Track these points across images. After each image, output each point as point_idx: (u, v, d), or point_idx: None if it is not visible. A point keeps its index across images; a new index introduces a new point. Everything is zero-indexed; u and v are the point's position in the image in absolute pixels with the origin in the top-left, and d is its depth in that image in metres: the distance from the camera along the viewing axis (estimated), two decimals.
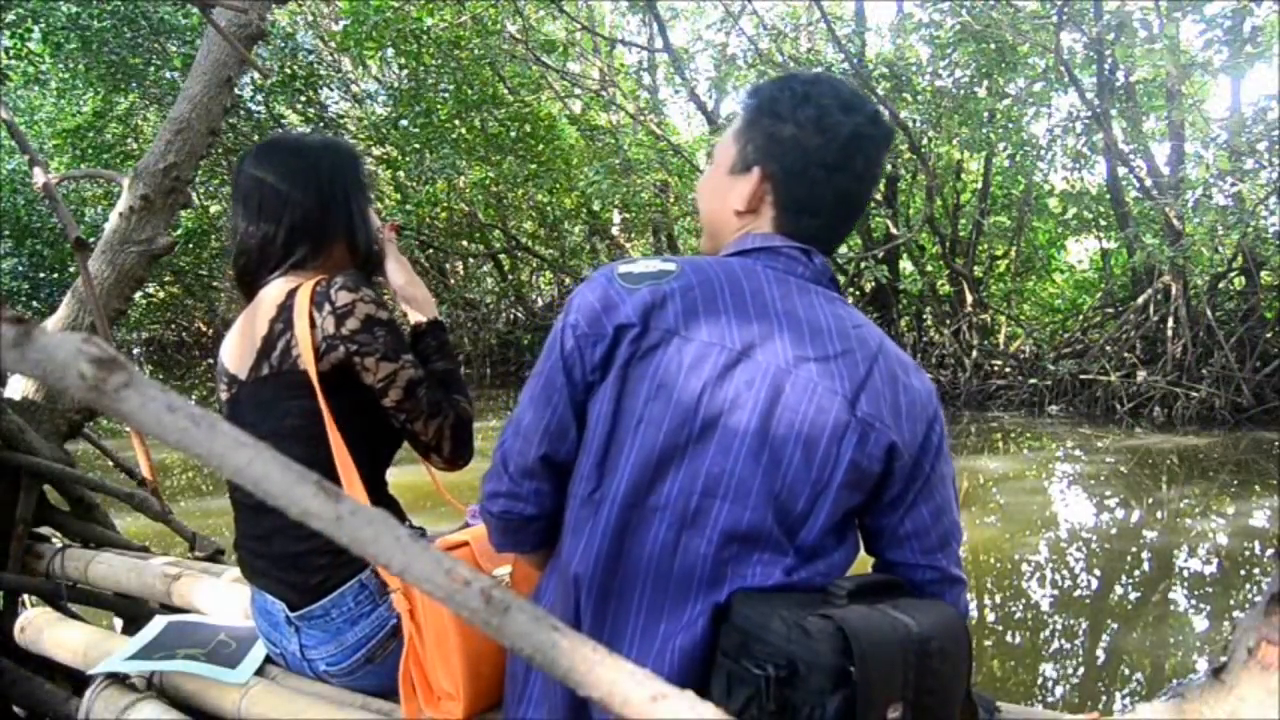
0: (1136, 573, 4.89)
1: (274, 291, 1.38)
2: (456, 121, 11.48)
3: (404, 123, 11.72)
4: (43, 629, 1.90)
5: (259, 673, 1.48)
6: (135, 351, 19.58)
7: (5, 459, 2.12)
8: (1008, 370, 10.67)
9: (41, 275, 13.44)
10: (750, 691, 0.88)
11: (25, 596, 2.16)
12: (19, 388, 2.30)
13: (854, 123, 1.08)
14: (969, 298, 10.90)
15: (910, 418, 1.03)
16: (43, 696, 1.97)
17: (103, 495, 2.32)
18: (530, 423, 1.05)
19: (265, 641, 1.48)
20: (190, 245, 14.42)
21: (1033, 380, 10.10)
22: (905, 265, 11.90)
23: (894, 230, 10.77)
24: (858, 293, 11.55)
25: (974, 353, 10.64)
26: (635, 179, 10.41)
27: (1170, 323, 9.38)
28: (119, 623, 2.18)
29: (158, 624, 1.67)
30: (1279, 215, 9.05)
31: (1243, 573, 4.66)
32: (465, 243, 14.51)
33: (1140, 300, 9.82)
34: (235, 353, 1.41)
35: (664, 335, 1.01)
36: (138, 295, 2.76)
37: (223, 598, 1.77)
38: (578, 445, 1.04)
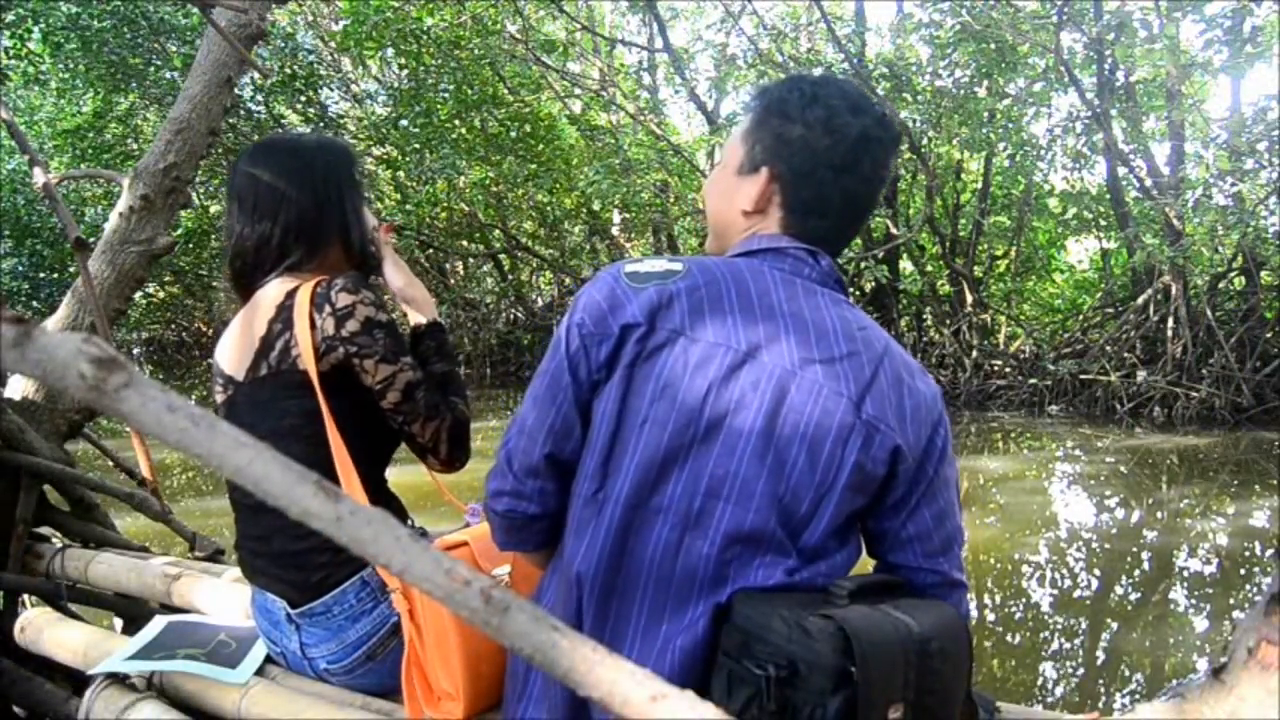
0: (1136, 573, 4.89)
1: (272, 292, 1.38)
2: (456, 121, 11.49)
3: (404, 123, 11.72)
4: (43, 629, 1.90)
5: (259, 673, 1.47)
6: (135, 351, 19.57)
7: (5, 459, 2.12)
8: (1008, 370, 10.66)
9: (41, 275, 13.44)
10: (751, 691, 0.88)
11: (25, 596, 2.16)
12: (19, 388, 2.29)
13: (862, 124, 1.08)
14: (969, 298, 10.90)
15: (915, 421, 1.03)
16: (43, 696, 1.97)
17: (103, 495, 2.31)
18: (535, 421, 1.05)
19: (265, 640, 1.48)
20: (190, 245, 14.41)
21: (1033, 380, 10.10)
22: (905, 265, 11.90)
23: (894, 230, 10.77)
24: (858, 293, 11.54)
25: (974, 353, 10.64)
26: (635, 179, 10.41)
27: (1170, 323, 9.38)
28: (119, 623, 2.17)
29: (158, 624, 1.67)
30: (1279, 215, 9.05)
31: (1243, 573, 4.66)
32: (465, 243, 14.51)
33: (1140, 300, 9.82)
34: (232, 354, 1.41)
35: (670, 335, 1.01)
36: (138, 295, 2.76)
37: (223, 598, 1.77)
38: (582, 444, 1.04)
